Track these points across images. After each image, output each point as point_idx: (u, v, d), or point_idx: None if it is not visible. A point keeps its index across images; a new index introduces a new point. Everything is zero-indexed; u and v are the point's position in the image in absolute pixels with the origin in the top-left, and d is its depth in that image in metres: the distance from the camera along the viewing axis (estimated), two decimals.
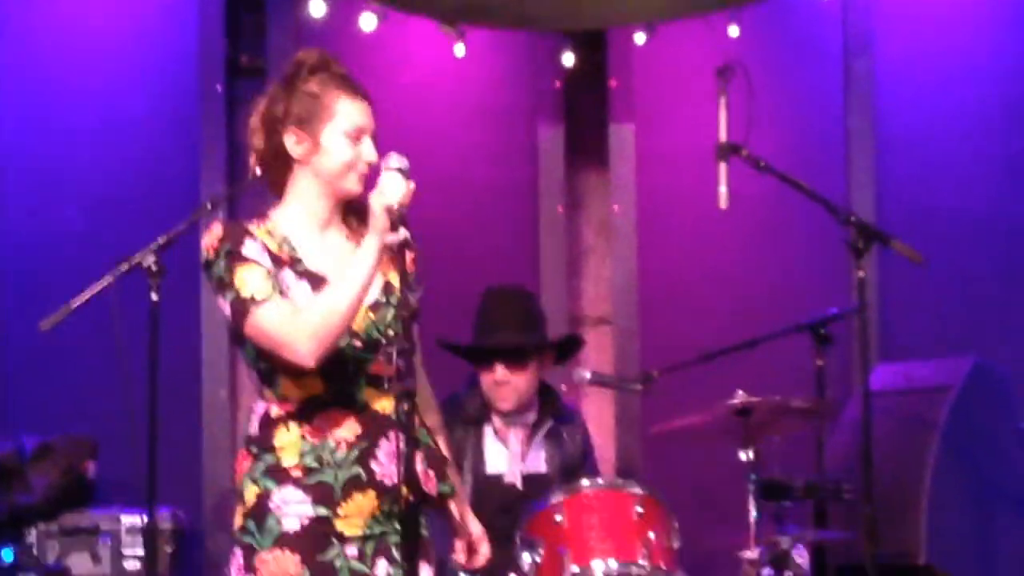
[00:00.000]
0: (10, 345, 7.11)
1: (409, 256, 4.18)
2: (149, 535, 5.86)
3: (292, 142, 4.09)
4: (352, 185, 4.22)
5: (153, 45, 7.33)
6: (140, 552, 6.56)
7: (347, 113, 4.14)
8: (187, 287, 6.59)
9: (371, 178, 4.23)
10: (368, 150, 4.20)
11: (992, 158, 7.75)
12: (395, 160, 4.00)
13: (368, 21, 6.80)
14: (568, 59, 7.45)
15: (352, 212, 4.38)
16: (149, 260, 4.96)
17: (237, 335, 4.20)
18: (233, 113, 7.26)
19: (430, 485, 4.25)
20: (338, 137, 4.14)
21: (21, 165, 7.23)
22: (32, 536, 6.61)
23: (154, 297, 4.97)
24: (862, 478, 5.41)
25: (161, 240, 4.99)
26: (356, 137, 4.16)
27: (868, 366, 5.68)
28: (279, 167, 4.23)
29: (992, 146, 7.74)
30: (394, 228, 3.97)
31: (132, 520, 6.56)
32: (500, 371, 5.60)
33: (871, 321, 6.34)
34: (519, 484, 5.64)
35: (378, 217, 3.99)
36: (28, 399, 7.10)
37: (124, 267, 4.99)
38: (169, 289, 5.09)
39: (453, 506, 4.40)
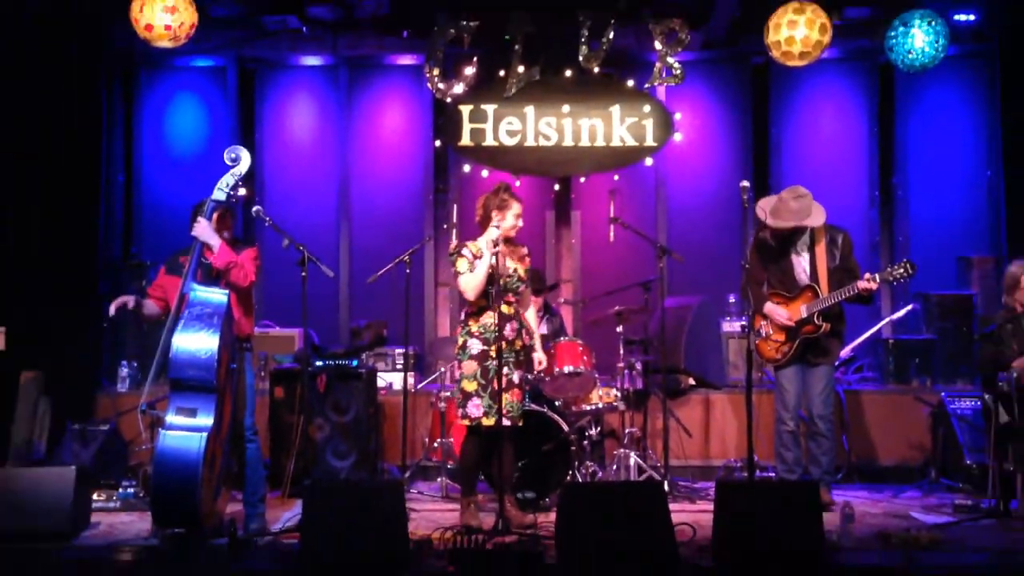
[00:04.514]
0: (356, 291, 11.01)
1: (527, 261, 7.07)
2: (405, 356, 9.07)
3: (494, 214, 6.81)
4: (512, 233, 6.94)
5: (406, 179, 11.45)
6: (401, 362, 9.85)
7: (516, 208, 6.92)
8: (419, 268, 10.61)
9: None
10: (519, 222, 6.99)
11: (720, 218, 10.94)
12: (493, 230, 6.76)
13: (483, 173, 10.61)
14: (555, 186, 10.89)
15: (507, 241, 6.95)
16: (405, 257, 8.27)
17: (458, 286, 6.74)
18: (437, 207, 11.19)
19: (527, 340, 7.18)
20: (511, 216, 6.86)
21: (361, 216, 11.13)
22: (364, 356, 9.63)
23: (407, 271, 8.33)
24: (660, 337, 8.49)
25: (410, 251, 8.41)
26: (517, 217, 6.90)
27: (664, 296, 8.51)
28: (484, 222, 6.91)
29: (721, 212, 10.98)
30: (494, 246, 6.73)
31: (399, 350, 9.93)
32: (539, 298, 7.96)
33: (664, 281, 8.82)
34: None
35: (488, 243, 6.74)
36: (362, 307, 11.00)
37: (396, 261, 8.34)
38: (413, 269, 8.44)
39: (536, 348, 7.35)
